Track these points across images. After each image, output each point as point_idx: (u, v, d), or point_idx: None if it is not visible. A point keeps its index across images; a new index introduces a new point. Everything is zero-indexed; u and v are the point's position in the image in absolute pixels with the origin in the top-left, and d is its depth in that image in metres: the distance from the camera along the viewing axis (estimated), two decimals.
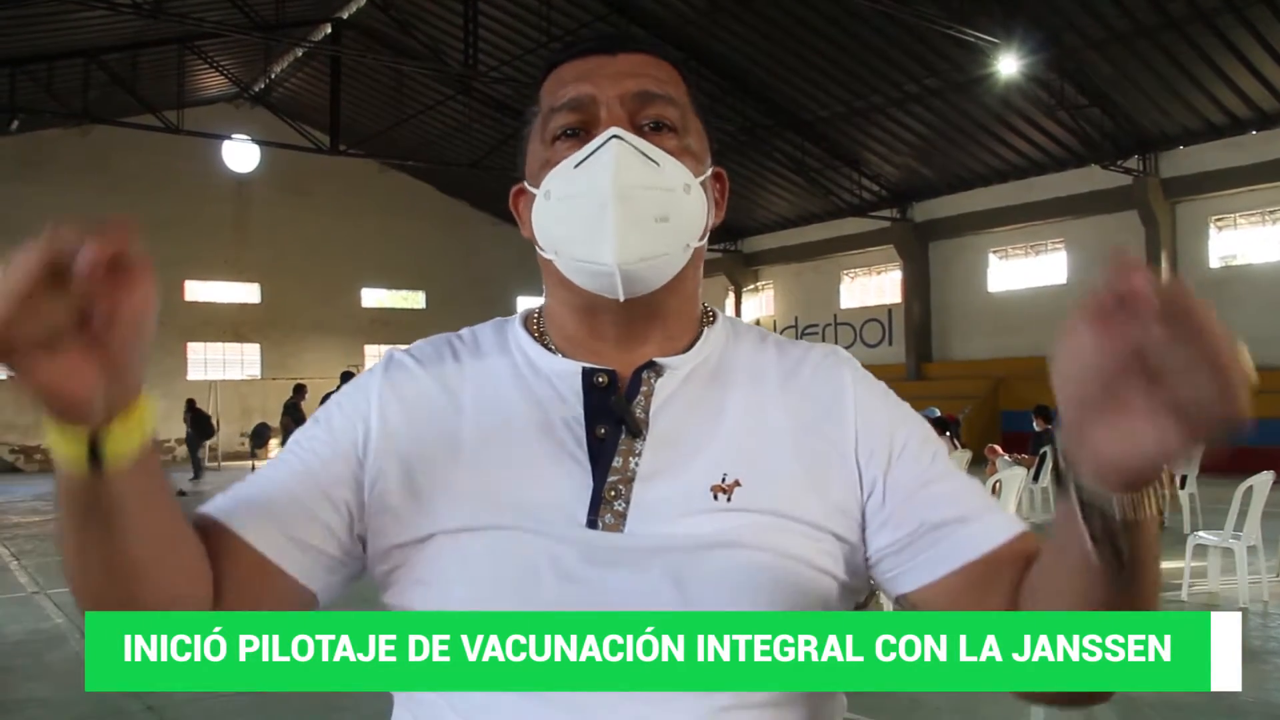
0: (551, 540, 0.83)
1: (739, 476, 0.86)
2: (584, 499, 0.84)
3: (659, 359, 0.91)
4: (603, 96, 0.89)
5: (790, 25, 16.49)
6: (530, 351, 0.94)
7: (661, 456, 0.86)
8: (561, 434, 0.88)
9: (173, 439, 24.62)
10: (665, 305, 0.91)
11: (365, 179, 25.57)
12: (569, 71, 0.92)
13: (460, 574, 0.83)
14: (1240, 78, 15.65)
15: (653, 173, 0.85)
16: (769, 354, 0.96)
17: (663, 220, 0.85)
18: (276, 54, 21.83)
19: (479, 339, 0.98)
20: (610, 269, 0.84)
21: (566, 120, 0.89)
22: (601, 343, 0.92)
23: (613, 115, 0.88)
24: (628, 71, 0.90)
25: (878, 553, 0.88)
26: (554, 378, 0.91)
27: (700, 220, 0.90)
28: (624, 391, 0.89)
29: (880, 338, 23.67)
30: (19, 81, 17.64)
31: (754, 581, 0.82)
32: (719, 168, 0.97)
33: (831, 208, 22.64)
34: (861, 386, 0.95)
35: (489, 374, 0.93)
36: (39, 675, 5.31)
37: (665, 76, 0.92)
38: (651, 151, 0.86)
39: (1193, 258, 18.28)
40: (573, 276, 0.88)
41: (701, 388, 0.91)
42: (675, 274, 0.89)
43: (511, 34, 18.36)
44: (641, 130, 0.88)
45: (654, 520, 0.84)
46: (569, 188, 0.86)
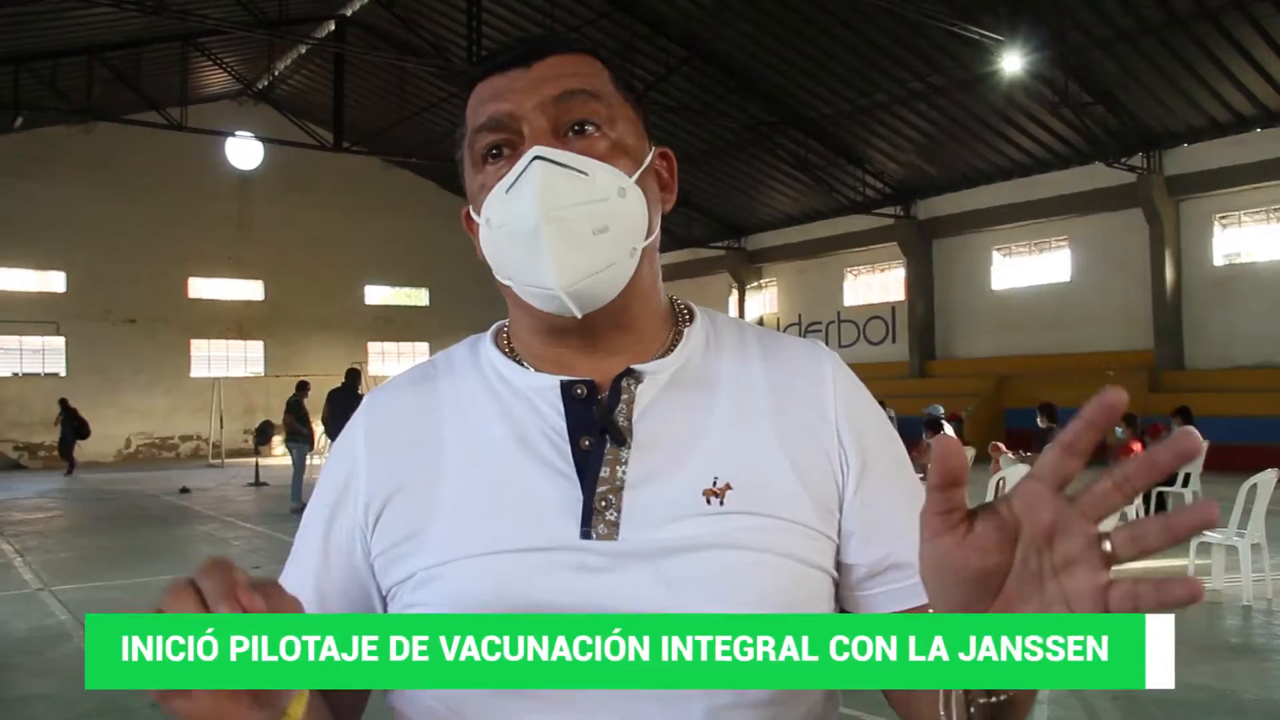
0: (546, 555, 0.83)
1: (730, 479, 0.85)
2: (575, 511, 0.84)
3: (637, 366, 0.90)
4: (521, 111, 0.87)
5: (794, 22, 16.48)
6: (503, 369, 0.93)
7: (648, 463, 0.86)
8: (544, 449, 0.87)
9: (177, 436, 24.73)
10: (627, 310, 0.90)
11: (369, 176, 25.60)
12: (488, 89, 0.90)
13: (456, 599, 0.83)
14: (1245, 75, 15.61)
15: (583, 185, 0.83)
16: (751, 352, 0.96)
17: (602, 231, 0.84)
18: (280, 51, 21.86)
19: (453, 363, 0.97)
20: (554, 292, 0.83)
21: (489, 140, 0.88)
22: (572, 356, 0.91)
23: (535, 130, 0.86)
24: (544, 78, 0.88)
25: (847, 568, 0.90)
26: (531, 393, 0.90)
27: (642, 221, 0.88)
28: (605, 401, 0.88)
29: (884, 335, 23.65)
30: (23, 78, 17.66)
31: (749, 583, 0.82)
32: (664, 148, 0.96)
33: (835, 205, 22.63)
34: (841, 382, 0.94)
35: (466, 399, 0.93)
36: (43, 672, 5.32)
37: (584, 71, 0.90)
38: (578, 163, 0.84)
39: (1197, 256, 18.25)
40: (530, 300, 0.87)
41: (684, 392, 0.90)
42: (628, 280, 0.87)
43: (515, 31, 18.37)
44: (566, 139, 0.86)
45: (646, 526, 0.83)
46: (503, 215, 0.85)
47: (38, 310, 22.88)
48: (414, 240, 27.03)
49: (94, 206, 22.96)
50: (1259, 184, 17.16)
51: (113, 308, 23.52)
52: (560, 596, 0.81)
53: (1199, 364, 17.94)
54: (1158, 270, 18.27)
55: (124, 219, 23.35)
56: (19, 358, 23.15)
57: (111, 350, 23.48)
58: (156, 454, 24.31)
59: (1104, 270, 19.44)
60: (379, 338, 27.06)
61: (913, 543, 0.85)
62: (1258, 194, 17.44)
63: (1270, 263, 17.43)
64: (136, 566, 8.63)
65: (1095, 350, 19.28)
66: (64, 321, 23.13)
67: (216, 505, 13.67)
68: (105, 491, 16.04)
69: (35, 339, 23.12)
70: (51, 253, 22.83)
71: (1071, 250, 20.22)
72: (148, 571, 8.38)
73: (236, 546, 9.91)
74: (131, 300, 23.65)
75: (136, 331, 23.94)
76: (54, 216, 22.54)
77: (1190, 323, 18.23)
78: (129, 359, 23.75)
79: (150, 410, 24.25)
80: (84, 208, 22.86)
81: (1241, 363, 17.29)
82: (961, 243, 21.81)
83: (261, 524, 11.42)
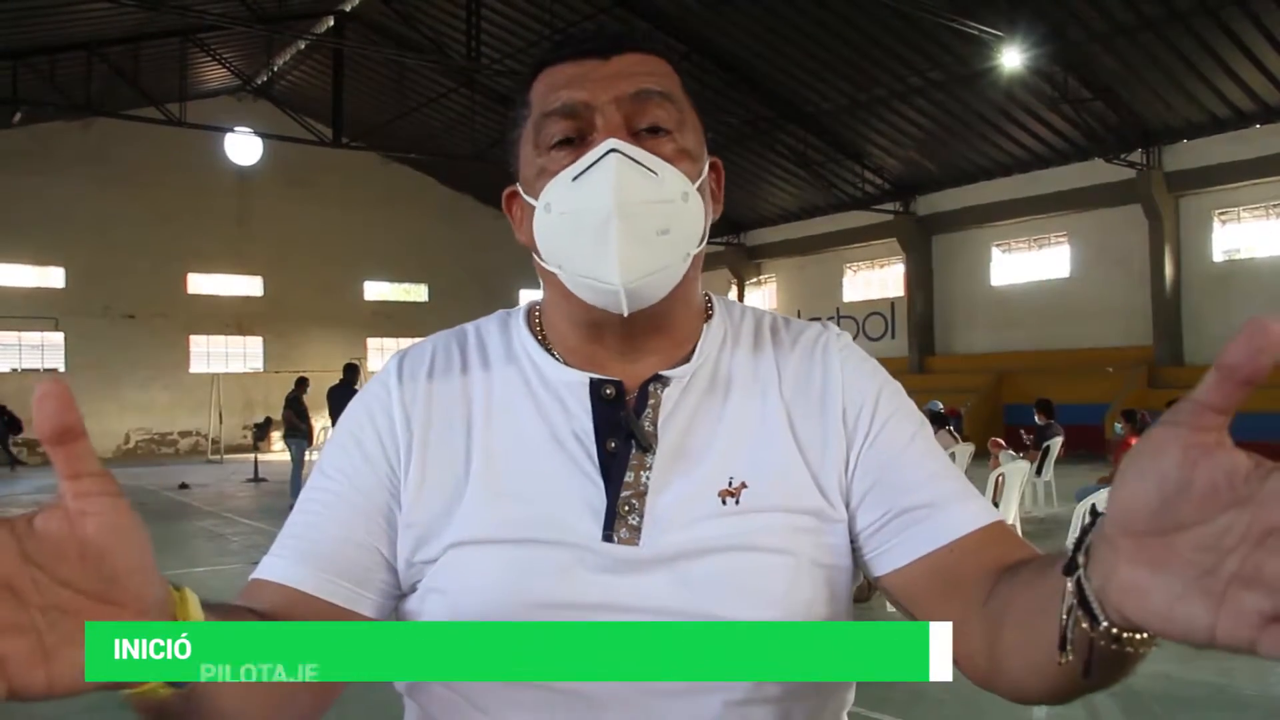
0: (567, 552, 0.83)
1: (745, 478, 0.86)
2: (598, 513, 0.84)
3: (665, 372, 0.90)
4: (597, 102, 0.87)
5: (793, 18, 16.45)
6: (537, 359, 0.93)
7: (671, 468, 0.87)
8: (572, 447, 0.88)
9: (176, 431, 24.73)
10: (668, 314, 0.90)
11: (368, 172, 25.56)
12: (561, 75, 0.90)
13: (476, 583, 0.83)
14: (1244, 71, 15.60)
15: (653, 185, 0.84)
16: (765, 345, 0.96)
17: (664, 233, 0.84)
18: (279, 46, 21.83)
19: (485, 341, 0.97)
20: (615, 287, 0.83)
21: (561, 128, 0.87)
22: (605, 354, 0.91)
23: (609, 123, 0.86)
24: (621, 73, 0.88)
25: (856, 534, 0.89)
26: (561, 388, 0.90)
27: (699, 227, 0.89)
28: (632, 405, 0.89)
29: (883, 331, 23.65)
30: (21, 74, 17.62)
31: (764, 584, 0.83)
32: (715, 158, 0.96)
33: (834, 201, 22.62)
34: (849, 364, 0.95)
35: (499, 382, 0.92)
36: None
37: (660, 72, 0.91)
38: (650, 162, 0.84)
39: (1196, 252, 18.25)
40: (577, 291, 0.87)
41: (701, 394, 0.91)
42: (677, 283, 0.88)
43: (515, 26, 18.36)
44: (638, 136, 0.87)
45: (667, 530, 0.84)
46: (569, 203, 0.85)
47: (36, 306, 22.86)
48: (413, 236, 27.01)
49: (93, 202, 22.93)
50: (1258, 180, 17.15)
51: (112, 303, 23.49)
52: (582, 595, 0.82)
53: (1198, 360, 17.94)
54: (1157, 266, 18.27)
55: (123, 215, 23.32)
56: (18, 353, 23.13)
57: (110, 346, 23.46)
58: (155, 450, 24.31)
59: (1103, 266, 19.45)
60: (378, 333, 27.03)
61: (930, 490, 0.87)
62: (1257, 190, 17.43)
63: (1270, 259, 17.43)
64: None
65: (1095, 346, 19.30)
66: (63, 317, 23.11)
67: (215, 501, 13.67)
68: None
69: (34, 334, 23.11)
70: (50, 248, 22.80)
71: (1071, 246, 20.22)
72: None
73: (235, 542, 9.91)
74: (130, 296, 23.62)
75: (135, 327, 23.92)
76: (53, 212, 22.51)
77: (1189, 318, 18.23)
78: (128, 354, 23.73)
79: (149, 406, 24.24)
80: (83, 203, 22.83)
81: None
82: (961, 238, 21.81)
83: (260, 519, 11.42)
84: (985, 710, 4.32)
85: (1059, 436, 10.73)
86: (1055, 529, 9.06)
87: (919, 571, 0.85)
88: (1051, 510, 10.18)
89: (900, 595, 0.87)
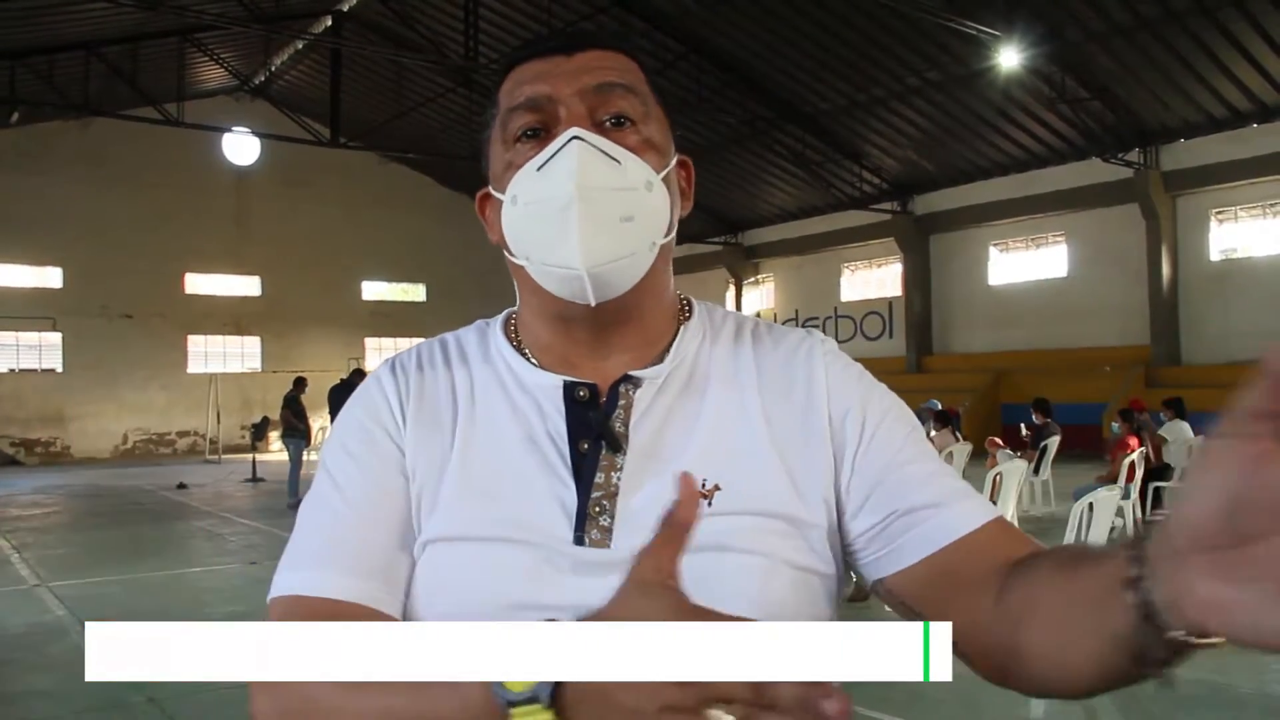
0: (537, 553, 0.83)
1: (718, 480, 0.86)
2: (570, 514, 0.84)
3: (635, 372, 0.90)
4: (560, 95, 0.88)
5: (792, 18, 16.46)
6: (512, 362, 0.94)
7: (642, 469, 0.87)
8: (546, 449, 0.88)
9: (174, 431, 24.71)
10: (638, 307, 0.91)
11: (366, 171, 25.56)
12: (527, 72, 0.91)
13: (448, 581, 0.83)
14: (1241, 71, 15.62)
15: (615, 172, 0.85)
16: (745, 348, 0.96)
17: (627, 220, 0.85)
18: (276, 46, 21.82)
19: (464, 346, 0.98)
20: (578, 271, 0.84)
21: (525, 120, 0.89)
22: (577, 351, 0.92)
23: (572, 114, 0.87)
24: (585, 67, 0.90)
25: (853, 540, 0.89)
26: (536, 391, 0.91)
27: (665, 217, 0.89)
28: (603, 406, 0.89)
29: (881, 331, 23.67)
30: (19, 74, 17.60)
31: (736, 584, 0.82)
32: (685, 157, 0.97)
33: (832, 200, 22.63)
34: (834, 369, 0.94)
35: (478, 383, 0.93)
36: (40, 668, 5.32)
37: (623, 67, 0.92)
38: (612, 150, 0.85)
39: (1193, 251, 18.26)
40: (543, 281, 0.88)
41: (676, 396, 0.91)
42: (644, 274, 0.88)
43: (512, 26, 18.36)
44: (602, 127, 0.88)
45: (638, 532, 0.82)
46: (534, 193, 0.86)
47: (34, 306, 22.83)
48: (411, 235, 27.01)
49: (90, 202, 22.91)
50: (1255, 179, 17.17)
51: (109, 303, 23.46)
52: (553, 596, 0.81)
53: (1195, 359, 17.97)
54: (1154, 266, 18.29)
55: (120, 215, 23.30)
56: (15, 353, 23.10)
57: (108, 346, 23.43)
58: (153, 450, 24.28)
59: (1101, 266, 19.46)
60: (376, 333, 27.03)
61: (931, 490, 0.87)
62: (1254, 189, 17.45)
63: (1266, 258, 17.45)
64: (133, 562, 8.63)
65: (1092, 346, 19.32)
66: (60, 317, 23.09)
67: (213, 501, 13.66)
68: (102, 487, 16.02)
69: (32, 334, 23.08)
70: (48, 248, 22.77)
71: (1068, 246, 20.23)
72: (145, 567, 8.38)
73: (233, 542, 9.91)
74: (128, 296, 23.60)
75: (133, 327, 23.90)
76: (50, 212, 22.47)
77: (1187, 318, 18.26)
78: (126, 355, 23.70)
79: (147, 406, 24.21)
80: (80, 203, 22.81)
81: (1238, 358, 17.29)
82: (958, 238, 21.82)
83: (258, 519, 11.41)
84: (984, 709, 4.33)
85: (1056, 435, 10.75)
86: (1053, 528, 9.06)
87: (925, 571, 0.85)
88: (1049, 509, 10.19)
89: (906, 596, 0.87)
